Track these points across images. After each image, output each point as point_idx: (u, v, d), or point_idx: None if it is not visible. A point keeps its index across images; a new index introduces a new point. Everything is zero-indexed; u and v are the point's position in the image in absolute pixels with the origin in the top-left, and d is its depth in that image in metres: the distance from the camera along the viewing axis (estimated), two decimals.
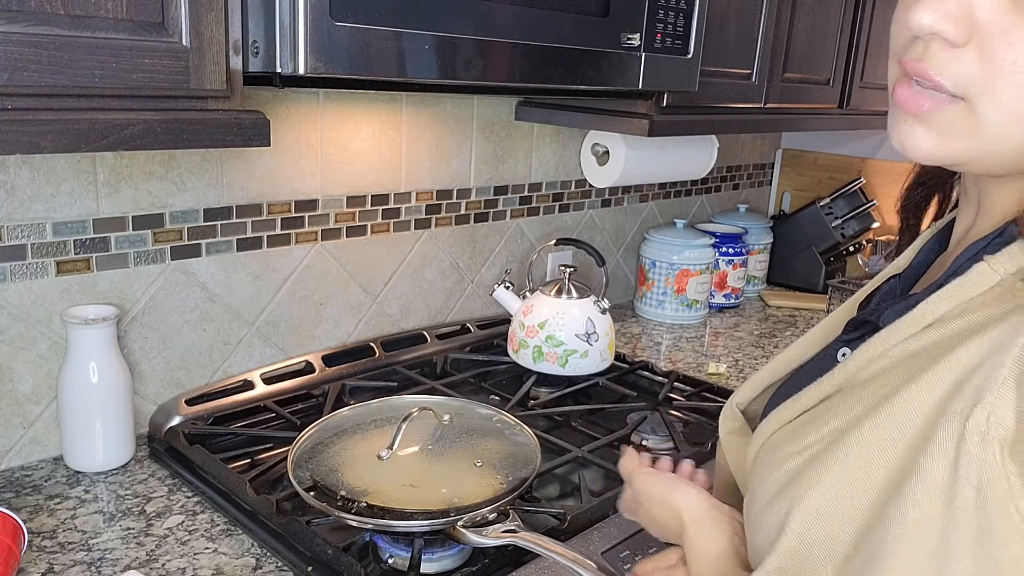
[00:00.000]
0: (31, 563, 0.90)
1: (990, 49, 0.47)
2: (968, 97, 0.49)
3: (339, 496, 0.90)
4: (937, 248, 0.65)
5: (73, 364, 1.06)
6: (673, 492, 0.70)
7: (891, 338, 0.54)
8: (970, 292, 0.51)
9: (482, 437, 1.04)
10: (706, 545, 0.66)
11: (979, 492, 0.44)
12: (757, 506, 0.57)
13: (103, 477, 1.09)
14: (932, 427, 0.47)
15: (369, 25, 0.86)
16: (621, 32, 1.15)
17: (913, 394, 0.49)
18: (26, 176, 1.04)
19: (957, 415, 0.46)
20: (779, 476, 0.55)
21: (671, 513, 0.69)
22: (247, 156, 1.24)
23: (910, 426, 0.48)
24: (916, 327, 0.53)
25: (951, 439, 0.45)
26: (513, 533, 0.88)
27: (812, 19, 1.73)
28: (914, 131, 0.52)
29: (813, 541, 0.51)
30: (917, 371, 0.50)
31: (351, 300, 1.44)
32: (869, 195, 2.25)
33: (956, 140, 0.50)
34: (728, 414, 0.75)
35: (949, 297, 0.52)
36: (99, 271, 1.12)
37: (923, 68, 0.50)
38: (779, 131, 2.37)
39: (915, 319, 0.53)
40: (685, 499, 0.69)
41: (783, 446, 0.57)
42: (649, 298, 1.94)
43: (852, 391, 0.55)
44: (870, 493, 0.49)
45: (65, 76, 0.73)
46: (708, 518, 0.67)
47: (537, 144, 1.69)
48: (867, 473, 0.49)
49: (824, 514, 0.51)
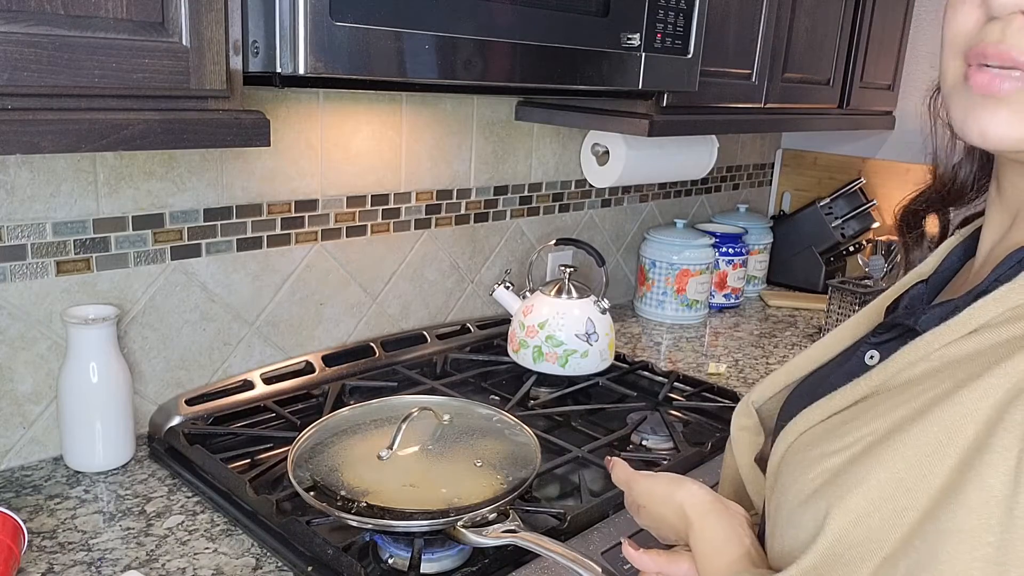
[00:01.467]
0: (31, 563, 0.90)
1: None
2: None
3: (339, 496, 0.90)
4: (963, 255, 0.65)
5: (73, 364, 1.06)
6: (676, 488, 0.70)
7: (935, 342, 0.54)
8: (1018, 299, 0.51)
9: (482, 437, 1.04)
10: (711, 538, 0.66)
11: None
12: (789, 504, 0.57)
13: (103, 477, 1.09)
14: (988, 435, 0.47)
15: (369, 25, 0.86)
16: (621, 32, 1.15)
17: (965, 400, 0.48)
18: (26, 176, 1.04)
19: (1018, 424, 0.45)
20: (816, 475, 0.54)
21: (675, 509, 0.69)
22: (247, 156, 1.24)
23: (962, 432, 0.48)
24: (961, 332, 0.52)
25: (1011, 448, 0.45)
26: (513, 533, 0.87)
27: (812, 19, 1.73)
28: (997, 115, 0.51)
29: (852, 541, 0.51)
30: (968, 377, 0.49)
31: (351, 300, 1.44)
32: (869, 195, 2.25)
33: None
34: (742, 411, 0.75)
35: (996, 303, 0.52)
36: (99, 271, 1.12)
37: (1007, 52, 0.49)
38: (779, 131, 2.38)
39: (960, 324, 0.53)
40: (688, 494, 0.69)
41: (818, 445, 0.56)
42: (649, 298, 1.94)
43: (892, 393, 0.54)
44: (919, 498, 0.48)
45: (65, 76, 0.73)
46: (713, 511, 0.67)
47: (537, 144, 1.69)
48: (915, 477, 0.49)
49: (866, 515, 0.50)
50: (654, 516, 0.72)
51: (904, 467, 0.50)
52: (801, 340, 1.87)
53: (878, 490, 0.50)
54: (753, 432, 0.74)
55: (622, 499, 1.04)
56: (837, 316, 1.84)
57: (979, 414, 0.48)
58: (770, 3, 1.57)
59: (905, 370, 0.55)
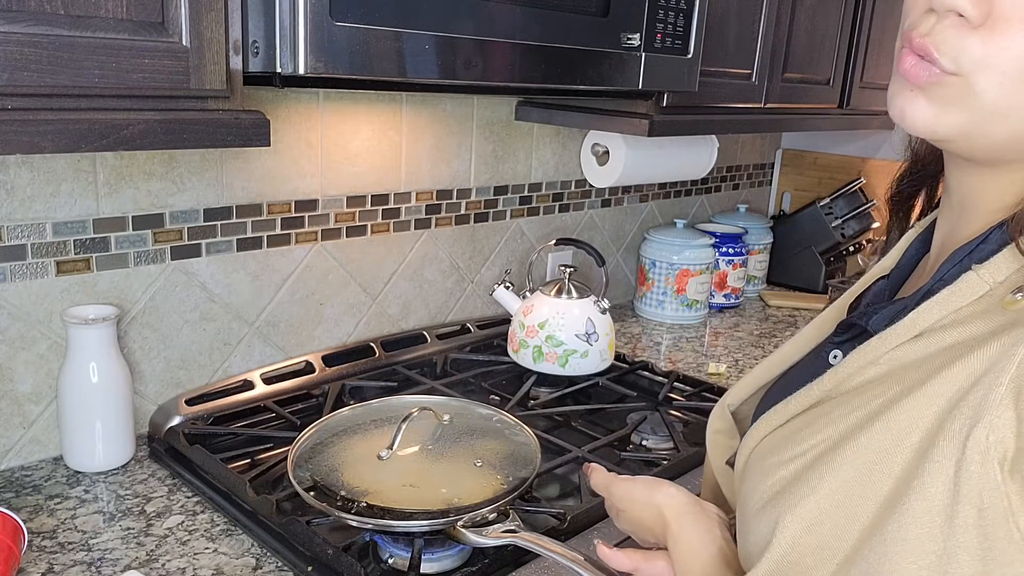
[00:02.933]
0: (31, 563, 0.90)
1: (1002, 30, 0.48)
2: (965, 74, 0.50)
3: (339, 496, 0.90)
4: (921, 249, 0.65)
5: (73, 364, 1.06)
6: (655, 491, 0.70)
7: (882, 346, 0.54)
8: (959, 302, 0.52)
9: (482, 437, 1.04)
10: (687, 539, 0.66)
11: (980, 511, 0.44)
12: (749, 511, 0.57)
13: (103, 477, 1.09)
14: (930, 444, 0.47)
15: (369, 25, 0.86)
16: (621, 32, 1.15)
17: (909, 408, 0.49)
18: (26, 176, 1.04)
19: (956, 434, 0.46)
20: (772, 483, 0.55)
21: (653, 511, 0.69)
22: (247, 156, 1.24)
23: (906, 440, 0.48)
24: (907, 335, 0.53)
25: (950, 458, 0.46)
26: (513, 533, 0.87)
27: (812, 19, 1.73)
28: (916, 102, 0.52)
29: (805, 549, 0.52)
30: (913, 384, 0.50)
31: (351, 300, 1.44)
32: (869, 195, 2.25)
33: (954, 113, 0.51)
34: (717, 414, 0.76)
35: (939, 306, 0.52)
36: (99, 271, 1.12)
37: (925, 45, 0.51)
38: (779, 131, 2.37)
39: (906, 328, 0.53)
40: (666, 497, 0.69)
41: (775, 453, 0.57)
42: (649, 298, 1.94)
43: (844, 398, 0.55)
44: (867, 505, 0.49)
45: (65, 76, 0.73)
46: (690, 514, 0.67)
47: (537, 144, 1.69)
48: (863, 485, 0.50)
49: (817, 523, 0.51)
50: (633, 520, 0.73)
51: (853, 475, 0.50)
52: None
53: (829, 498, 0.51)
54: (727, 435, 0.75)
55: None
56: None
57: (922, 422, 0.48)
58: (770, 3, 1.57)
59: (856, 374, 0.56)
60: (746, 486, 0.59)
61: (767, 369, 0.72)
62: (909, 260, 0.66)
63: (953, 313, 0.52)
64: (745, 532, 0.58)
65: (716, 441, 0.75)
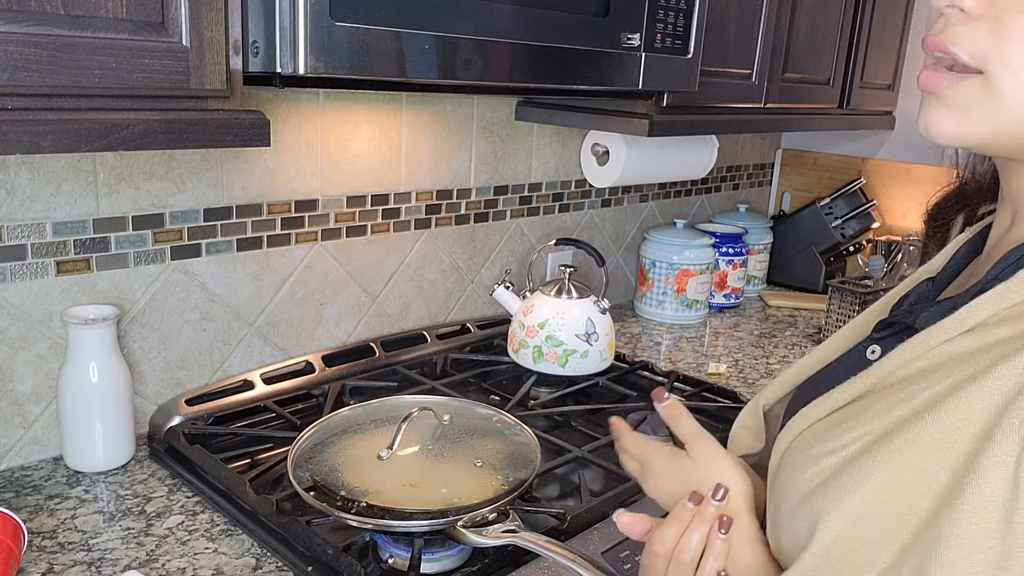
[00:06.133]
0: (31, 563, 0.90)
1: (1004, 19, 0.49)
2: (984, 69, 0.51)
3: (339, 496, 0.90)
4: (971, 252, 0.65)
5: (73, 364, 1.06)
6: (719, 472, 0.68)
7: (931, 340, 0.54)
8: (1015, 298, 0.51)
9: (482, 437, 1.04)
10: None
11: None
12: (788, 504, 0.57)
13: (103, 477, 1.09)
14: (986, 439, 0.47)
15: (369, 25, 0.86)
16: (621, 32, 1.15)
17: (961, 403, 0.49)
18: (26, 176, 1.04)
19: (1016, 429, 0.46)
20: (812, 475, 0.55)
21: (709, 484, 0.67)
22: (247, 156, 1.24)
23: (959, 435, 0.48)
24: (957, 330, 0.53)
25: (1010, 454, 0.45)
26: (513, 533, 0.87)
27: (812, 19, 1.73)
28: (938, 112, 0.53)
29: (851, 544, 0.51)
30: (964, 379, 0.50)
31: (351, 300, 1.44)
32: (869, 195, 2.25)
33: (977, 116, 0.52)
34: (750, 411, 0.74)
35: (992, 302, 0.52)
36: (99, 271, 1.12)
37: (941, 40, 0.52)
38: (779, 131, 2.37)
39: (956, 322, 0.53)
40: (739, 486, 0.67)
41: (815, 445, 0.56)
42: (649, 298, 1.94)
43: (889, 391, 0.55)
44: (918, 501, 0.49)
45: (65, 76, 0.73)
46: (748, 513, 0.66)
47: (537, 144, 1.69)
48: (913, 481, 0.49)
49: (864, 518, 0.51)
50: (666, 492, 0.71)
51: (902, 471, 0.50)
52: (801, 340, 1.87)
53: (875, 493, 0.50)
54: (753, 434, 0.74)
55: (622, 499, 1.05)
56: (837, 316, 1.84)
57: (976, 418, 0.48)
58: (770, 3, 1.57)
59: (902, 367, 0.55)
60: (782, 478, 0.59)
61: (800, 370, 0.72)
62: (958, 262, 0.66)
63: (1007, 309, 0.51)
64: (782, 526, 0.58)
65: (740, 436, 0.74)
